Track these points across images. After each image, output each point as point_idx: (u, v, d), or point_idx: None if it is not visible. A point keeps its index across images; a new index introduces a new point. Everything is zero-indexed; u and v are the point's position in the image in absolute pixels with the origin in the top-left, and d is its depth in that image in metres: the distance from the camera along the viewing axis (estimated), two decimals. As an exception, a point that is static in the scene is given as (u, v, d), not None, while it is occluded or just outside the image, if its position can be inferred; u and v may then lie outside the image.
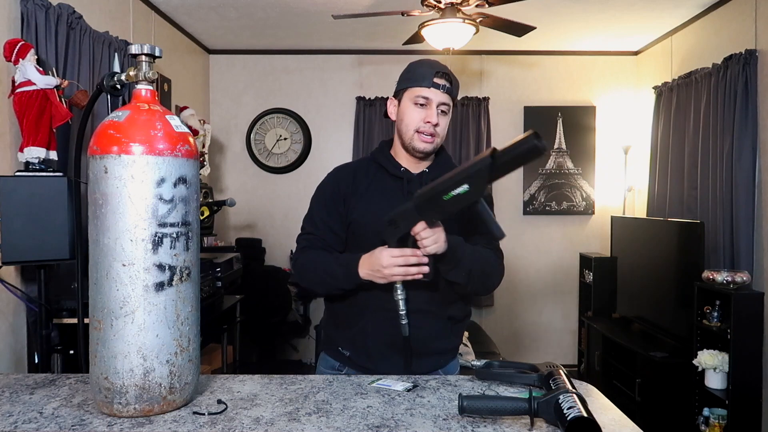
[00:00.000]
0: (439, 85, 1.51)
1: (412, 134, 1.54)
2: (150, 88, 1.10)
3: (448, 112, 1.56)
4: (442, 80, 1.51)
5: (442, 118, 1.54)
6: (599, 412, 1.04)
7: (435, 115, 1.52)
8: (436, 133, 1.54)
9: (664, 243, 3.60)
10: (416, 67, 1.56)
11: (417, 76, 1.53)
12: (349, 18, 3.25)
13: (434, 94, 1.51)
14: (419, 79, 1.53)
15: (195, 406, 1.08)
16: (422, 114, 1.52)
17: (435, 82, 1.51)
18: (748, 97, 3.20)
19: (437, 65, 1.54)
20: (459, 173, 1.29)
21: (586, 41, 4.48)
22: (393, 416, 1.04)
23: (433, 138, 1.54)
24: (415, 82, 1.53)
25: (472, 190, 1.26)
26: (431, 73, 1.51)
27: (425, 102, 1.52)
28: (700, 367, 3.04)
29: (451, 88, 1.54)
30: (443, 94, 1.52)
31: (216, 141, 4.67)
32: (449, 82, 1.53)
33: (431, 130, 1.53)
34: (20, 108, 2.19)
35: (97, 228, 1.02)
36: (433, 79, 1.51)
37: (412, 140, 1.55)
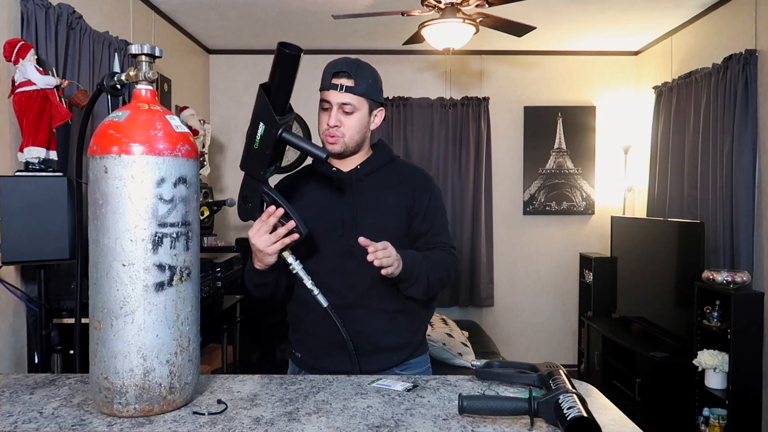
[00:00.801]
0: (337, 85, 1.48)
1: (322, 138, 1.54)
2: (150, 88, 1.10)
3: (356, 110, 1.50)
4: (340, 79, 1.48)
5: (346, 118, 1.50)
6: (599, 412, 1.04)
7: (334, 117, 1.49)
8: (340, 134, 1.51)
9: (664, 243, 3.60)
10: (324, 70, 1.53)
11: (322, 79, 1.52)
12: (349, 18, 3.25)
13: (332, 96, 1.49)
14: (322, 82, 1.51)
15: (195, 406, 1.08)
16: (326, 117, 1.51)
17: (333, 83, 1.48)
18: (748, 97, 3.20)
19: (339, 63, 1.51)
20: (252, 118, 1.31)
21: (586, 41, 4.48)
22: (393, 416, 1.04)
23: (336, 138, 1.51)
24: (320, 86, 1.52)
25: (267, 125, 1.29)
26: (330, 74, 1.49)
27: (327, 104, 1.50)
28: (700, 367, 3.04)
29: (354, 87, 1.49)
30: (342, 94, 1.48)
31: (216, 141, 4.67)
32: (351, 78, 1.48)
33: (333, 132, 1.50)
34: (20, 108, 2.19)
35: (97, 228, 1.02)
36: (331, 80, 1.49)
37: (324, 143, 1.54)
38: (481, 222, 4.63)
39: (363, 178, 1.56)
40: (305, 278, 1.38)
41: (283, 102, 1.30)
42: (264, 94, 1.28)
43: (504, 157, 4.80)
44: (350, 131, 1.51)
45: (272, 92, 1.28)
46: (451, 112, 4.67)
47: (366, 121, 1.54)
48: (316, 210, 1.53)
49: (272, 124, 1.28)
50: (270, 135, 1.29)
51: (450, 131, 4.67)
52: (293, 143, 1.31)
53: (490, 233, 4.70)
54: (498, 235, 4.78)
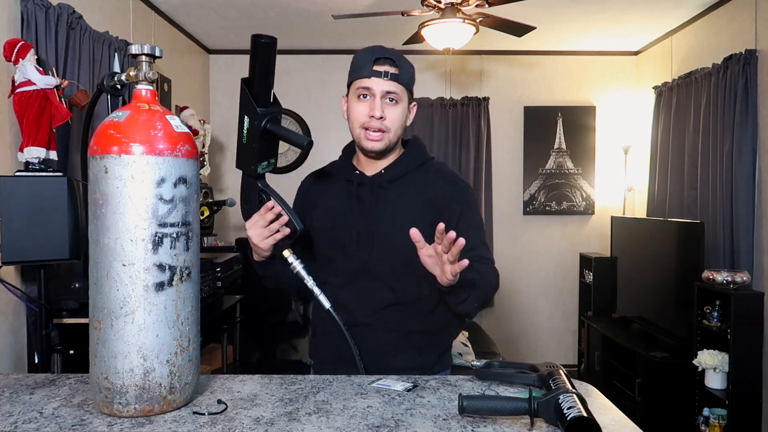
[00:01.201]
0: (380, 72, 1.34)
1: (358, 131, 1.38)
2: (150, 88, 1.10)
3: (399, 101, 1.37)
4: (384, 66, 1.34)
5: (390, 109, 1.36)
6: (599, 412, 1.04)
7: (379, 107, 1.34)
8: (385, 128, 1.36)
9: (664, 243, 3.60)
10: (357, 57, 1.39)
11: (356, 66, 1.38)
12: (349, 18, 3.25)
13: (375, 83, 1.34)
14: (359, 69, 1.37)
15: (195, 406, 1.08)
16: (366, 108, 1.36)
17: (375, 70, 1.34)
18: (748, 97, 3.20)
19: (378, 50, 1.37)
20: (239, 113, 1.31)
21: (586, 41, 4.48)
22: (393, 416, 1.04)
23: (382, 134, 1.36)
24: (355, 74, 1.38)
25: (251, 117, 1.28)
26: (370, 60, 1.35)
27: (367, 93, 1.35)
28: (700, 367, 3.04)
29: (398, 75, 1.36)
30: (387, 82, 1.34)
31: (216, 141, 4.67)
32: (394, 66, 1.35)
33: (377, 125, 1.35)
34: (20, 108, 2.19)
35: (97, 228, 1.02)
36: (373, 66, 1.34)
37: (359, 139, 1.39)
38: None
39: (386, 185, 1.41)
40: (306, 278, 1.34)
41: (265, 94, 1.27)
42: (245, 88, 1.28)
43: (504, 157, 4.80)
44: (395, 125, 1.37)
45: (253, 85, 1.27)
46: (451, 112, 4.67)
47: (406, 115, 1.41)
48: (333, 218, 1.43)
49: (255, 116, 1.27)
50: (254, 127, 1.28)
51: (450, 131, 4.67)
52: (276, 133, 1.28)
53: (490, 233, 4.70)
54: (498, 235, 4.78)
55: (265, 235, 1.32)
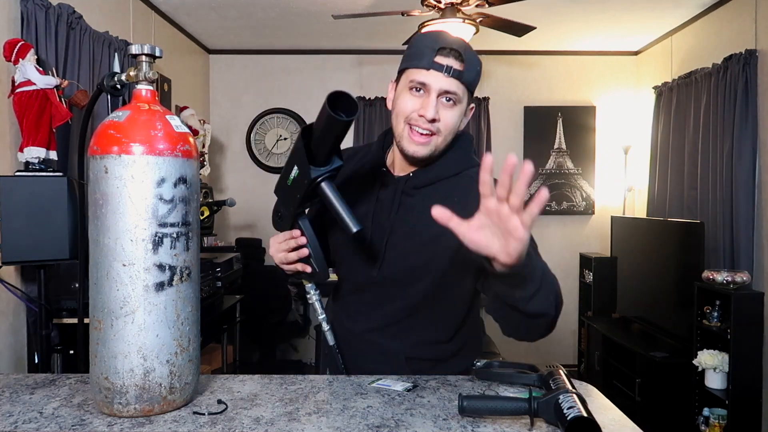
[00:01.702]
0: (443, 66, 1.12)
1: (402, 128, 1.18)
2: (150, 88, 1.10)
3: (458, 102, 1.16)
4: (447, 59, 1.13)
5: (445, 111, 1.15)
6: (599, 412, 1.04)
7: (433, 107, 1.13)
8: (435, 130, 1.16)
9: (664, 243, 3.60)
10: (417, 41, 1.18)
11: (415, 52, 1.16)
12: (349, 18, 3.25)
13: (434, 78, 1.13)
14: (417, 57, 1.15)
15: (195, 406, 1.08)
16: (417, 104, 1.15)
17: (436, 62, 1.12)
18: (748, 97, 3.20)
19: (444, 39, 1.15)
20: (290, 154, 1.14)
21: (586, 41, 4.48)
22: (393, 416, 1.04)
23: (429, 137, 1.16)
24: (411, 61, 1.16)
25: (300, 170, 1.11)
26: (433, 49, 1.13)
27: (421, 87, 1.15)
28: (700, 367, 3.04)
29: (462, 72, 1.13)
30: (447, 79, 1.12)
31: (216, 141, 4.68)
32: (460, 60, 1.13)
33: (426, 126, 1.15)
34: (20, 108, 2.20)
35: (97, 228, 1.02)
36: (434, 58, 1.12)
37: (401, 137, 1.18)
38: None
39: (411, 191, 1.22)
40: (319, 311, 1.25)
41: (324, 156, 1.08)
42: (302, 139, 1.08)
43: (504, 157, 4.77)
44: (447, 129, 1.16)
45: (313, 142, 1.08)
46: (451, 112, 4.66)
47: (461, 118, 1.19)
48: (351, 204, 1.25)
49: (305, 173, 1.09)
50: (301, 182, 1.11)
51: (450, 131, 4.67)
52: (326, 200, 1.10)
53: (490, 233, 4.70)
54: (498, 235, 4.77)
55: (281, 260, 1.21)
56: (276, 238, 1.22)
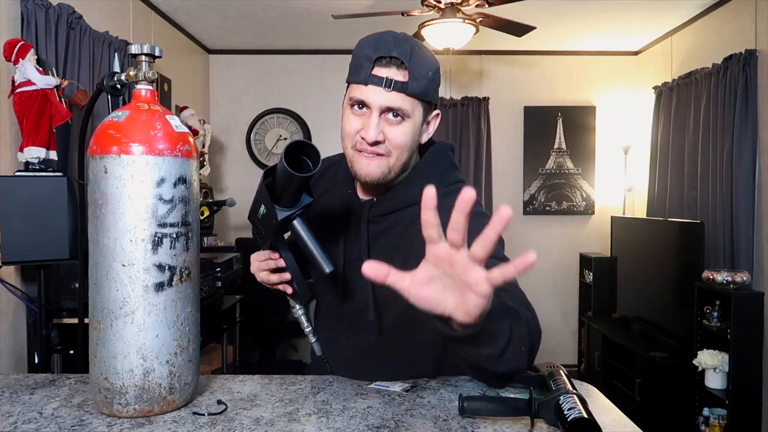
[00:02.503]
0: (382, 79, 0.98)
1: (351, 153, 1.05)
2: (150, 88, 1.10)
3: (407, 117, 1.01)
4: (388, 69, 0.98)
5: (392, 129, 1.01)
6: (600, 412, 1.04)
7: (373, 127, 0.99)
8: (385, 152, 1.02)
9: (664, 243, 3.60)
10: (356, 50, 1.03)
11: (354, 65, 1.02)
12: (349, 18, 3.25)
13: (373, 94, 0.99)
14: (355, 70, 1.01)
15: (195, 407, 1.08)
16: (359, 123, 1.03)
17: (374, 75, 0.98)
18: (748, 97, 3.20)
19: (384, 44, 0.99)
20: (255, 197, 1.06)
21: (586, 41, 4.48)
22: (393, 417, 1.04)
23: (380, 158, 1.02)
24: (351, 75, 1.03)
25: (268, 211, 1.02)
26: (370, 60, 0.98)
27: (361, 106, 1.02)
28: (700, 367, 3.04)
29: (406, 84, 0.98)
30: (389, 93, 0.98)
31: (216, 141, 4.68)
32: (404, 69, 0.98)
33: (372, 149, 1.02)
34: (20, 108, 2.19)
35: (97, 228, 1.02)
36: (372, 70, 0.98)
37: (351, 162, 1.06)
38: (481, 222, 4.63)
39: (376, 219, 1.11)
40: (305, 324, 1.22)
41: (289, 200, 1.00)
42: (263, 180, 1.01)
43: (504, 157, 4.80)
44: (399, 149, 1.03)
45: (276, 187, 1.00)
46: (451, 112, 4.67)
47: (418, 132, 1.05)
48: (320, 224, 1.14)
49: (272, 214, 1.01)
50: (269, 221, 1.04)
51: (450, 131, 4.67)
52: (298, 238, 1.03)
53: (490, 233, 4.70)
54: (498, 235, 4.77)
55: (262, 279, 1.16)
56: (257, 255, 1.16)
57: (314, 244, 1.01)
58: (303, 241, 1.02)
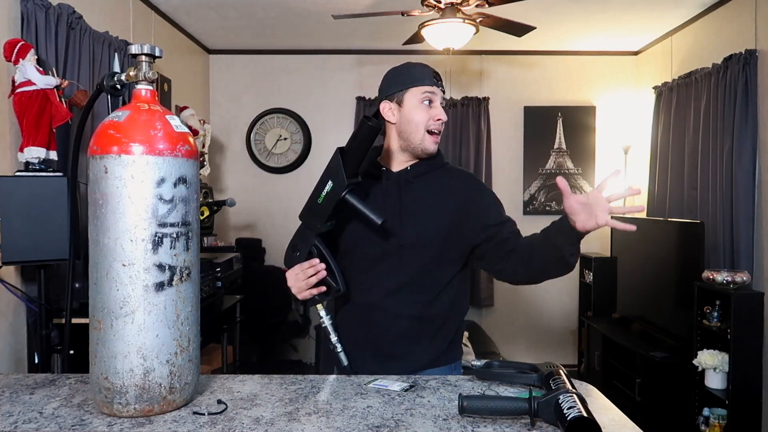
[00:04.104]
0: (438, 83, 1.53)
1: (422, 135, 1.51)
2: (150, 88, 1.10)
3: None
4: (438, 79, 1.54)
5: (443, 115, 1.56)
6: (599, 412, 1.04)
7: (443, 112, 1.52)
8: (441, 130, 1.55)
9: (664, 243, 3.60)
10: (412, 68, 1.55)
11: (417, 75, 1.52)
12: (349, 18, 3.25)
13: (437, 92, 1.52)
14: (422, 78, 1.52)
15: (195, 406, 1.08)
16: (429, 113, 1.50)
17: (435, 81, 1.53)
18: (748, 97, 3.20)
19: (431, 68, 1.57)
20: (323, 174, 1.39)
21: (586, 41, 4.48)
22: (393, 416, 1.04)
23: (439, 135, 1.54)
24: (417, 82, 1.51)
25: (335, 184, 1.36)
26: (431, 72, 1.53)
27: (432, 98, 1.51)
28: (700, 367, 3.04)
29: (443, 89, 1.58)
30: (442, 92, 1.54)
31: (216, 141, 4.67)
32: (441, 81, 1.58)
33: (440, 127, 1.53)
34: (20, 108, 2.19)
35: (97, 228, 1.02)
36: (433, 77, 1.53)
37: (423, 141, 1.51)
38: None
39: (412, 180, 1.54)
40: (332, 333, 1.43)
41: (355, 167, 1.37)
42: (339, 156, 1.36)
43: (504, 157, 4.80)
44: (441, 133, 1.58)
45: (347, 156, 1.36)
46: (451, 112, 4.67)
47: None
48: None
49: (340, 185, 1.35)
50: (335, 194, 1.36)
51: (450, 131, 4.67)
52: (353, 205, 1.37)
53: (490, 233, 4.70)
54: (498, 235, 4.77)
55: (303, 288, 1.42)
56: (291, 271, 1.44)
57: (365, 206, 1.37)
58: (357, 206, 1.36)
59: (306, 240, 1.43)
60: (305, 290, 1.41)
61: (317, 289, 1.41)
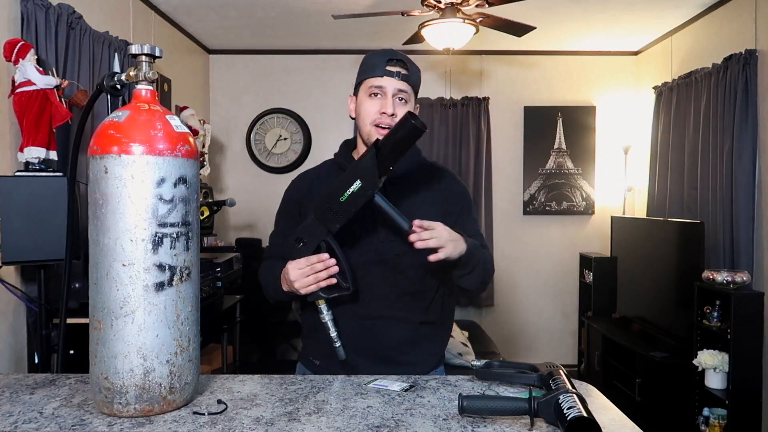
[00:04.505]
0: (393, 72, 1.42)
1: (369, 128, 1.44)
2: (150, 88, 1.10)
3: (409, 100, 1.46)
4: (395, 67, 1.42)
5: (400, 108, 1.44)
6: (599, 412, 1.04)
7: (391, 105, 1.41)
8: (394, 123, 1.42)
9: (664, 243, 3.60)
10: (369, 58, 1.47)
11: (369, 66, 1.45)
12: (349, 18, 3.25)
13: (388, 82, 1.42)
14: (372, 69, 1.44)
15: (195, 406, 1.08)
16: (377, 105, 1.43)
17: (388, 70, 1.42)
18: (748, 97, 3.20)
19: (390, 52, 1.46)
20: (350, 170, 1.28)
21: (586, 41, 4.48)
22: (393, 416, 1.04)
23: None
24: (368, 73, 1.45)
25: (364, 185, 1.25)
26: (383, 61, 1.43)
27: (379, 92, 1.43)
28: (700, 367, 3.04)
29: (408, 75, 1.44)
30: (398, 81, 1.42)
31: (216, 141, 4.67)
32: (405, 68, 1.43)
33: (388, 121, 1.42)
34: (20, 108, 2.19)
35: (97, 228, 1.02)
36: (386, 67, 1.42)
37: (370, 135, 1.44)
38: (481, 222, 4.63)
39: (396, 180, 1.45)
40: (331, 328, 1.36)
41: (389, 166, 1.28)
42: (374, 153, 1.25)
43: (504, 157, 4.80)
44: None
45: (383, 155, 1.25)
46: (451, 112, 4.67)
47: None
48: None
49: (371, 186, 1.25)
50: (363, 194, 1.26)
51: (450, 131, 4.67)
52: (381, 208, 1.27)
53: (490, 233, 4.70)
54: (498, 235, 4.78)
55: (309, 282, 1.32)
56: (297, 263, 1.33)
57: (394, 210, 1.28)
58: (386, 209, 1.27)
59: (315, 235, 1.32)
60: (312, 285, 1.32)
61: (326, 282, 1.32)
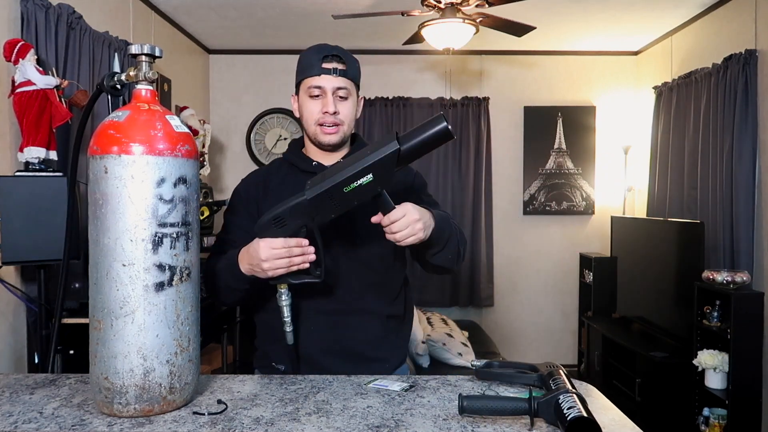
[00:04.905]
0: (330, 69, 1.40)
1: (314, 128, 1.44)
2: (150, 88, 1.10)
3: (349, 96, 1.44)
4: (332, 63, 1.41)
5: (342, 105, 1.42)
6: (599, 412, 1.04)
7: (332, 103, 1.40)
8: (339, 122, 1.43)
9: (664, 243, 3.60)
10: (304, 57, 1.44)
11: (305, 65, 1.43)
12: (349, 18, 3.25)
13: (326, 81, 1.40)
14: (309, 69, 1.42)
15: (195, 406, 1.08)
16: (319, 105, 1.42)
17: (324, 68, 1.40)
18: (748, 97, 3.20)
19: (325, 48, 1.43)
20: (363, 161, 1.15)
21: (586, 41, 4.48)
22: (393, 416, 1.04)
23: (337, 128, 1.43)
24: (305, 73, 1.43)
25: (376, 180, 1.16)
26: (318, 59, 1.41)
27: (319, 91, 1.41)
28: (700, 367, 3.04)
29: (346, 70, 1.42)
30: (336, 78, 1.40)
31: (216, 141, 4.67)
32: (342, 63, 1.42)
33: (332, 120, 1.42)
34: (20, 108, 2.19)
35: (97, 228, 1.02)
36: (322, 64, 1.40)
37: (316, 135, 1.44)
38: (481, 222, 4.63)
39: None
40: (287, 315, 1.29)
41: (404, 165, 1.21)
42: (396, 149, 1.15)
43: (504, 157, 4.80)
44: (347, 119, 1.44)
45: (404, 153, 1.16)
46: (451, 112, 4.67)
47: (356, 108, 1.48)
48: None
49: (384, 183, 1.17)
50: (371, 189, 1.17)
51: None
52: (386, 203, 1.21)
53: (490, 233, 4.70)
54: (498, 235, 4.78)
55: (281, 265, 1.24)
56: (272, 242, 1.23)
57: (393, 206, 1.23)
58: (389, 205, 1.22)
59: (299, 218, 1.22)
60: (283, 268, 1.23)
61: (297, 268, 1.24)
